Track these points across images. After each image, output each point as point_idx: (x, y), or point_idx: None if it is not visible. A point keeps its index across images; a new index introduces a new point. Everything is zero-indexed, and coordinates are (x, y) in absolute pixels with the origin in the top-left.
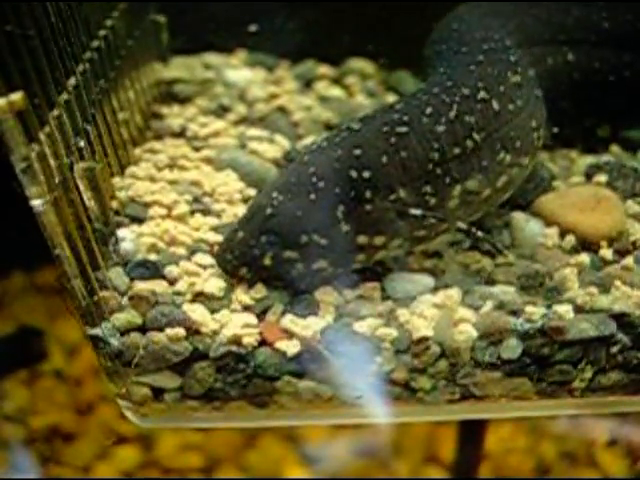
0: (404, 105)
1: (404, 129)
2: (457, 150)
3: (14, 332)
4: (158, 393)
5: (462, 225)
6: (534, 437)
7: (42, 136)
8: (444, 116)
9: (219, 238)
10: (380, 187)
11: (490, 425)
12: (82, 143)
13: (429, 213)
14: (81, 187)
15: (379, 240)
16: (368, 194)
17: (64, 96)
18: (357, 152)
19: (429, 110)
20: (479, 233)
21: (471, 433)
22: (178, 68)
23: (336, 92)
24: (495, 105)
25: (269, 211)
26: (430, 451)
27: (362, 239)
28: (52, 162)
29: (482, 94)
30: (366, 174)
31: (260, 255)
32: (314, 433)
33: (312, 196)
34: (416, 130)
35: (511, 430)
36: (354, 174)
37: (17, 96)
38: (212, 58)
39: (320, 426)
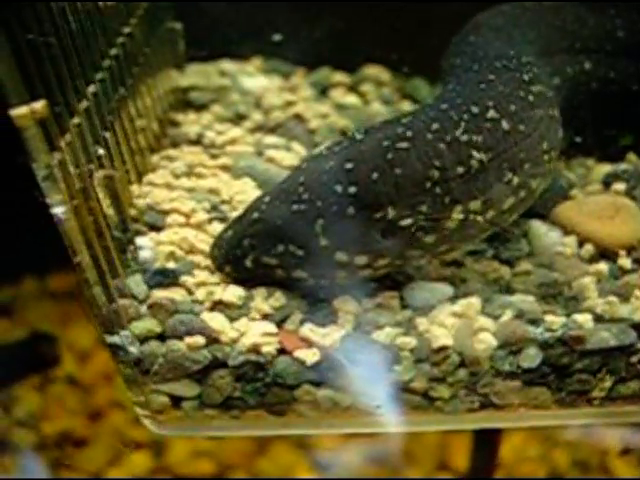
0: (410, 119)
1: (405, 145)
2: (460, 169)
3: (26, 337)
4: (176, 401)
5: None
6: (547, 445)
7: (62, 144)
8: (450, 134)
9: None
10: (365, 204)
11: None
12: (101, 151)
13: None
14: (100, 195)
15: (361, 260)
16: (351, 211)
17: (84, 104)
18: (348, 165)
19: (435, 126)
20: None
21: (486, 442)
22: (194, 75)
23: (352, 100)
24: (505, 125)
25: (255, 215)
26: (442, 459)
27: (341, 256)
28: (72, 170)
29: (491, 113)
30: (352, 189)
31: (242, 256)
32: (325, 440)
33: (295, 206)
34: (417, 146)
35: (524, 438)
36: (339, 189)
37: (39, 104)
38: (227, 65)
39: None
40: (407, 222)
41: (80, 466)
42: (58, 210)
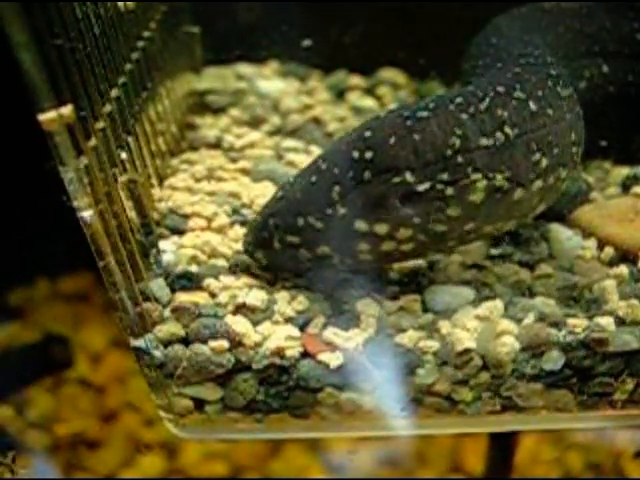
0: (436, 97)
1: (425, 114)
2: (485, 141)
3: (39, 340)
4: (200, 405)
5: None
6: (560, 447)
7: (88, 148)
8: (473, 106)
9: None
10: (382, 168)
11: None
12: (124, 155)
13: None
14: (124, 199)
15: (381, 228)
16: (367, 175)
17: (107, 108)
18: (367, 134)
19: (459, 100)
20: None
21: (501, 443)
22: (211, 78)
23: (369, 102)
24: (532, 106)
25: (279, 194)
26: (455, 461)
27: (361, 225)
28: (97, 174)
29: (518, 93)
30: (368, 154)
31: (269, 238)
32: (338, 442)
33: (313, 178)
34: (438, 115)
35: (537, 440)
36: (356, 154)
37: (67, 109)
38: (244, 68)
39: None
40: (425, 186)
41: (93, 468)
42: (85, 214)
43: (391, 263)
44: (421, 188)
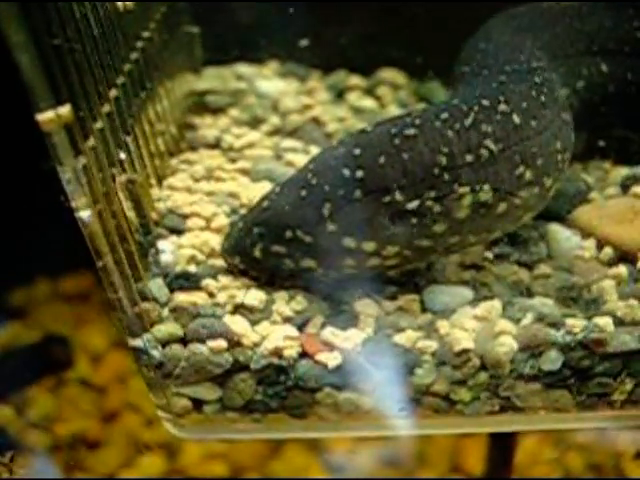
0: (421, 111)
1: (412, 131)
2: (469, 157)
3: (40, 340)
4: (198, 405)
5: None
6: (560, 448)
7: (86, 148)
8: (459, 122)
9: None
10: (373, 188)
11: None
12: (123, 155)
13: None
14: (123, 199)
15: (368, 246)
16: (357, 194)
17: (106, 108)
18: (356, 151)
19: (444, 116)
20: None
21: (501, 444)
22: (210, 79)
23: (368, 103)
24: (516, 119)
25: (265, 204)
26: (455, 461)
27: (349, 242)
28: (96, 174)
29: (502, 107)
30: (359, 173)
31: (251, 246)
32: (338, 442)
33: (303, 192)
34: (425, 133)
35: (537, 441)
36: (347, 172)
37: (65, 109)
38: (244, 69)
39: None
40: (414, 204)
41: (93, 468)
42: (83, 214)
43: (373, 274)
44: (410, 206)
